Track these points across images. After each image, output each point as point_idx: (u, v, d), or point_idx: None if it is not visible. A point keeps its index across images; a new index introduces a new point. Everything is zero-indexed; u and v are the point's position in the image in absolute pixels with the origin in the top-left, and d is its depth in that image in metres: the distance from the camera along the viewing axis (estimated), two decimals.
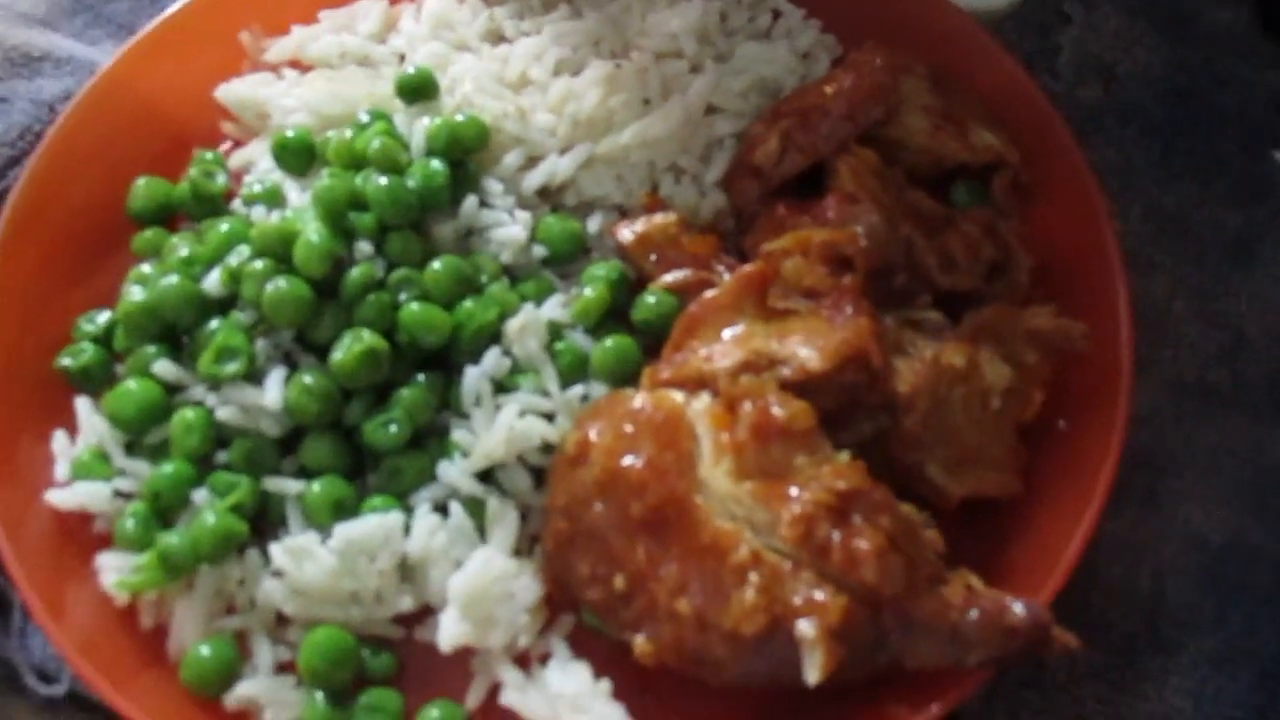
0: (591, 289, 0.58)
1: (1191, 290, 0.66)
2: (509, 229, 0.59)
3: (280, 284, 0.54)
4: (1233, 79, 0.72)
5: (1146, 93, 0.72)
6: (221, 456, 0.54)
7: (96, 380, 0.57)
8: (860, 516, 0.47)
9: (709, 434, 0.50)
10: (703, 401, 0.51)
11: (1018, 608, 0.46)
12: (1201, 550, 0.58)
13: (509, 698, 0.51)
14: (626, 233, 0.60)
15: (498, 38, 0.68)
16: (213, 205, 0.62)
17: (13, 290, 0.59)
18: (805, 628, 0.45)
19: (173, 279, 0.56)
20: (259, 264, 0.55)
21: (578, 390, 0.56)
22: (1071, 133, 0.63)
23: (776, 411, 0.49)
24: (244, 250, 0.56)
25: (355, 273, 0.55)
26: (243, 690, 0.50)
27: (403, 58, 0.67)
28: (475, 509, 0.53)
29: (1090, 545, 0.53)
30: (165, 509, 0.53)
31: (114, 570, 0.52)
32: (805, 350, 0.51)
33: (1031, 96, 0.64)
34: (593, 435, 0.51)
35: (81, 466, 0.54)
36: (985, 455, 0.54)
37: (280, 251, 0.55)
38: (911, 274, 0.57)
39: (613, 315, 0.58)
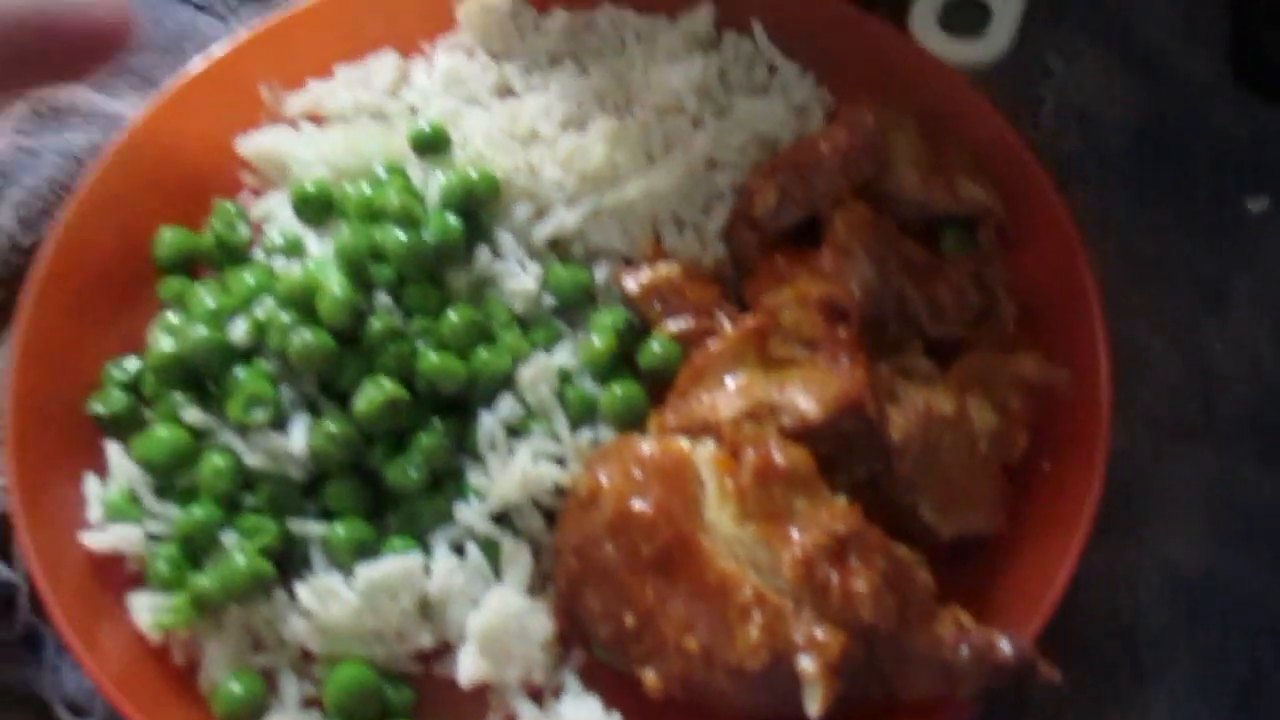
0: (599, 337, 0.61)
1: (1167, 332, 0.69)
2: (521, 279, 0.62)
3: (305, 335, 0.57)
4: (1206, 128, 0.76)
5: (1124, 141, 0.75)
6: (248, 499, 0.57)
7: (126, 425, 0.60)
8: (857, 557, 0.50)
9: (714, 479, 0.53)
10: (708, 447, 0.54)
11: (1005, 644, 0.49)
12: (1177, 582, 0.62)
13: None
14: (631, 282, 0.63)
15: (507, 92, 0.71)
16: (236, 254, 0.65)
17: (46, 337, 0.61)
18: (806, 664, 0.48)
19: (201, 330, 0.58)
20: (284, 315, 0.58)
21: (587, 434, 0.59)
22: (1053, 182, 0.67)
23: (778, 457, 0.52)
24: (269, 302, 0.59)
25: (376, 323, 0.58)
26: None
27: (415, 111, 0.71)
28: (491, 549, 0.56)
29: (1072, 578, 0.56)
30: (195, 550, 0.55)
31: (146, 609, 0.55)
32: (804, 400, 0.54)
33: (1015, 148, 0.68)
34: (603, 479, 0.54)
35: (114, 509, 0.57)
36: (973, 495, 0.57)
37: (304, 303, 0.58)
38: (903, 324, 0.60)
39: (619, 361, 0.61)
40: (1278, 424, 0.67)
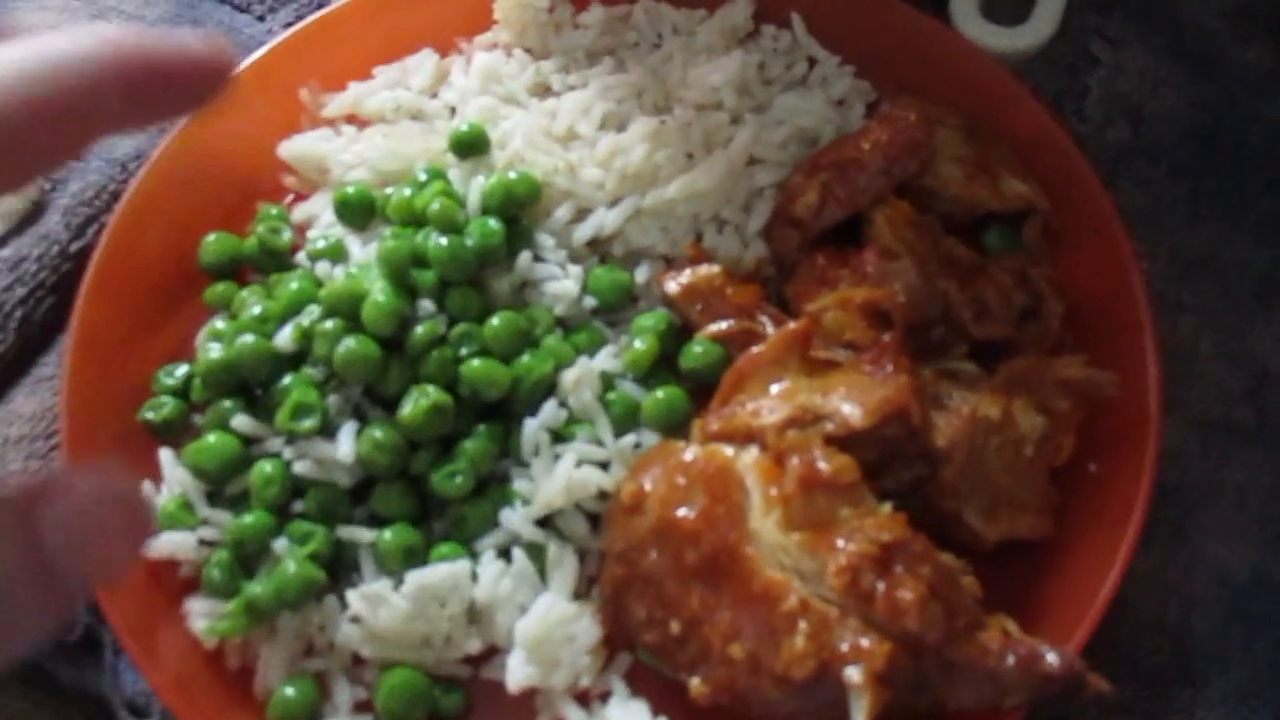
0: (641, 340, 0.61)
1: (1218, 329, 0.68)
2: (562, 283, 0.62)
3: (350, 343, 0.57)
4: (1258, 118, 0.74)
5: (1173, 133, 0.74)
6: (297, 505, 0.58)
7: (177, 432, 0.61)
8: (902, 566, 0.50)
9: (758, 487, 0.53)
10: (751, 455, 0.54)
11: (1051, 656, 0.49)
12: (1227, 585, 0.61)
13: None
14: (673, 284, 0.62)
15: (544, 90, 0.71)
16: (279, 259, 0.65)
17: (97, 343, 0.62)
18: (852, 673, 0.48)
19: (248, 338, 0.59)
20: (329, 324, 0.58)
21: (630, 439, 0.59)
22: (1099, 177, 0.65)
23: (822, 465, 0.52)
24: (314, 310, 0.60)
25: (420, 330, 0.58)
26: None
27: (453, 111, 0.71)
28: (536, 553, 0.57)
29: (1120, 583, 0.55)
30: (247, 557, 0.56)
31: (201, 614, 0.56)
32: (848, 406, 0.54)
33: (1060, 142, 0.67)
34: (647, 486, 0.54)
35: (168, 516, 0.58)
36: (1019, 499, 0.57)
37: (349, 311, 0.59)
38: (947, 326, 0.59)
39: (661, 363, 0.61)
40: None
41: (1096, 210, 0.65)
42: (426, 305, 0.60)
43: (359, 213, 0.65)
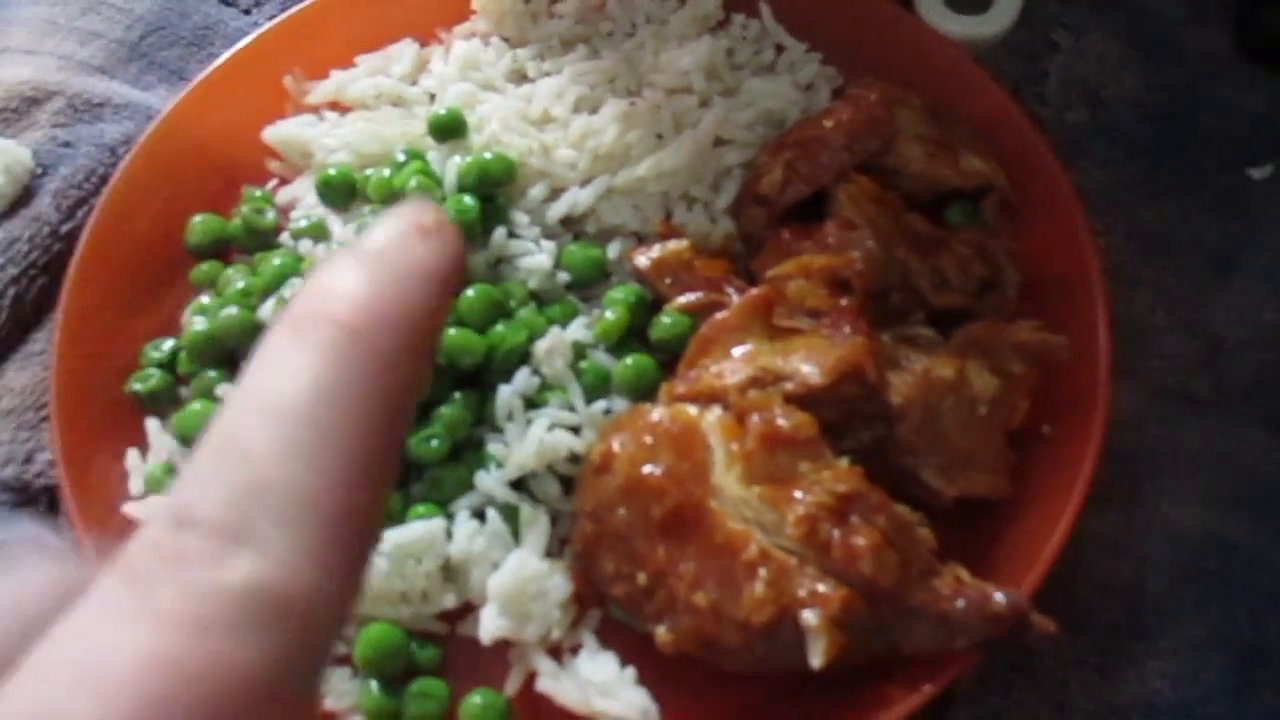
0: (612, 312, 0.63)
1: (1173, 302, 0.70)
2: (536, 257, 0.64)
3: None
4: (1213, 100, 0.76)
5: (1131, 115, 0.76)
6: None
7: (164, 402, 0.63)
8: (858, 516, 0.52)
9: (721, 444, 0.55)
10: (715, 414, 0.56)
11: (999, 596, 0.51)
12: (1181, 545, 0.63)
13: (544, 685, 0.56)
14: (643, 259, 0.65)
15: (521, 77, 0.74)
16: (264, 239, 0.68)
17: (86, 320, 0.65)
18: (810, 617, 0.50)
19: (232, 310, 0.61)
20: None
21: (601, 405, 0.61)
22: (1056, 156, 0.68)
23: (782, 423, 0.54)
24: (297, 283, 0.62)
25: None
26: None
27: (433, 97, 0.73)
28: (510, 515, 0.59)
29: (1076, 542, 0.57)
30: None
31: None
32: (807, 367, 0.56)
33: (1017, 122, 0.69)
34: (616, 446, 0.56)
35: (154, 481, 0.60)
36: (975, 459, 0.59)
37: None
38: (906, 293, 0.62)
39: (632, 335, 0.63)
40: None
41: (1053, 187, 0.67)
42: None
43: (341, 193, 0.67)
